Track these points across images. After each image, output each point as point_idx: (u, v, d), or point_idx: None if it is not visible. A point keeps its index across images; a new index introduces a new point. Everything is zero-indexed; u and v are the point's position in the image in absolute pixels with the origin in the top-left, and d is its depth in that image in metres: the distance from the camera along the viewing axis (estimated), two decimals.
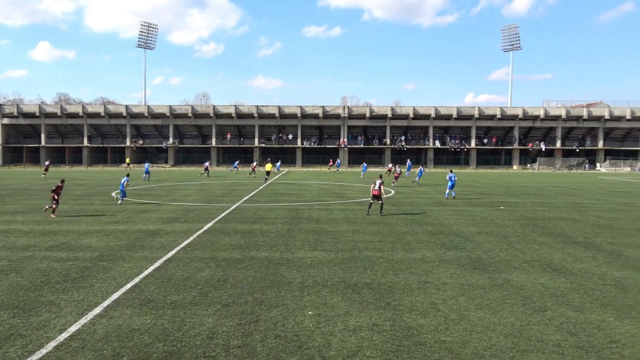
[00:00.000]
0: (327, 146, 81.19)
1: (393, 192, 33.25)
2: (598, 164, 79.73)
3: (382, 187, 21.25)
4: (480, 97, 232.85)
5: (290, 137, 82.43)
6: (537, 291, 10.04)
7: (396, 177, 40.18)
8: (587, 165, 78.65)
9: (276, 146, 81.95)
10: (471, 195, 31.64)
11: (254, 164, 54.07)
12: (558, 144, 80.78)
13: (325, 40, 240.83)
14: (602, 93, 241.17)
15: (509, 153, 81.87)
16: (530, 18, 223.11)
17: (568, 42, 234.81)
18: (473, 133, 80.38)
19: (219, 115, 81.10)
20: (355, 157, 77.66)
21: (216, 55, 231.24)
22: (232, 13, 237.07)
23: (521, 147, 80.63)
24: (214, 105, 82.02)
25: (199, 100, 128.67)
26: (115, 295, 9.53)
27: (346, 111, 80.00)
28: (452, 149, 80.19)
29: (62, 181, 21.75)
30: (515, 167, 79.38)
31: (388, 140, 79.90)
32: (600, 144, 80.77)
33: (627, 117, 79.38)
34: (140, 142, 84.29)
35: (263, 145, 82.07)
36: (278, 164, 60.80)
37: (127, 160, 74.32)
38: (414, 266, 12.04)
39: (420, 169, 43.84)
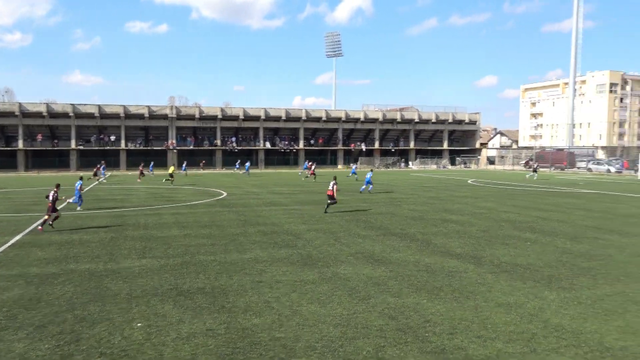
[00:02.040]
0: (155, 148, 77.59)
1: (225, 193, 33.02)
2: (410, 162, 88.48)
3: (335, 187, 22.49)
4: (308, 99, 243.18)
5: (112, 138, 76.99)
6: (361, 281, 10.77)
7: (313, 174, 45.83)
8: (401, 164, 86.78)
9: (97, 148, 75.90)
10: (301, 194, 32.81)
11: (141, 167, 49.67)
12: (376, 145, 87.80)
13: (151, 37, 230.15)
14: (412, 98, 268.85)
15: (334, 153, 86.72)
16: (351, 27, 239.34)
17: (384, 51, 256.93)
18: (301, 134, 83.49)
19: (26, 114, 72.42)
20: (186, 159, 75.45)
21: (22, 46, 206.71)
22: (42, 1, 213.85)
23: (345, 148, 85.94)
24: (20, 103, 72.97)
25: (1, 97, 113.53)
26: None
27: (174, 111, 77.32)
28: (282, 150, 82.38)
29: (58, 186, 18.46)
30: (340, 166, 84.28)
31: (219, 142, 79.14)
32: (412, 145, 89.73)
33: (432, 121, 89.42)
34: None
35: (81, 147, 75.39)
36: (184, 165, 58.76)
37: None
38: (248, 267, 12.08)
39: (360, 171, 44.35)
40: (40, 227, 17.63)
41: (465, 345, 7.31)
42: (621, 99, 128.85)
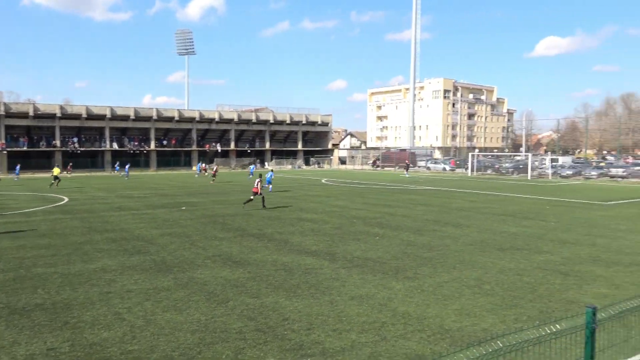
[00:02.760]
0: None
1: (67, 199, 30.32)
2: (266, 163, 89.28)
3: (259, 184, 24.42)
4: (159, 98, 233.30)
5: None
6: (219, 285, 10.60)
7: (214, 175, 45.40)
8: (257, 165, 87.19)
9: None
10: (153, 197, 31.36)
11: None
12: (232, 145, 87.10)
13: None
14: (266, 99, 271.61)
15: (188, 154, 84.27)
16: (203, 25, 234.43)
17: (238, 52, 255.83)
18: (152, 135, 79.75)
19: None
20: (17, 161, 67.75)
21: None
22: None
23: (199, 149, 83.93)
24: None
25: None
26: None
27: (3, 108, 69.02)
28: (132, 151, 77.90)
29: None
30: (194, 167, 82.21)
31: (58, 142, 72.39)
32: (267, 145, 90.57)
33: (287, 122, 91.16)
34: None
35: None
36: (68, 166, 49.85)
37: None
38: (95, 277, 11.22)
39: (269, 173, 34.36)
40: None
41: (322, 339, 7.56)
42: (453, 104, 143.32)
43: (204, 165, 57.29)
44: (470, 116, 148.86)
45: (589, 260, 13.01)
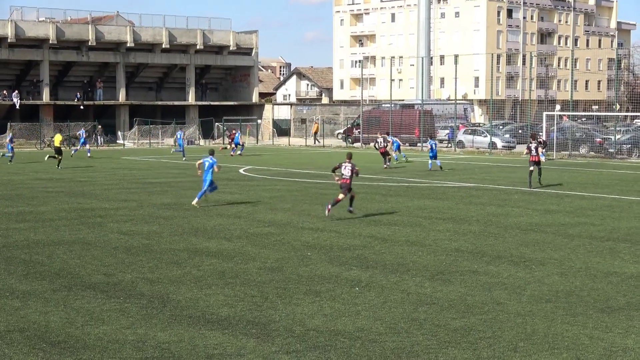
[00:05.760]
0: None
1: None
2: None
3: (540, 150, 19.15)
4: None
5: None
6: None
7: (382, 153, 27.41)
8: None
9: None
10: None
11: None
12: (45, 96, 64.21)
13: None
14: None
15: None
16: None
17: None
18: None
19: None
20: None
21: None
22: None
23: None
24: None
25: None
26: None
27: None
28: None
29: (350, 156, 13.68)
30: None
31: None
32: (121, 95, 49.85)
33: (163, 45, 46.23)
34: None
35: None
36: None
37: None
38: None
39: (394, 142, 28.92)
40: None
41: None
42: (509, 12, 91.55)
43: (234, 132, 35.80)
44: (543, 37, 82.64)
45: None
